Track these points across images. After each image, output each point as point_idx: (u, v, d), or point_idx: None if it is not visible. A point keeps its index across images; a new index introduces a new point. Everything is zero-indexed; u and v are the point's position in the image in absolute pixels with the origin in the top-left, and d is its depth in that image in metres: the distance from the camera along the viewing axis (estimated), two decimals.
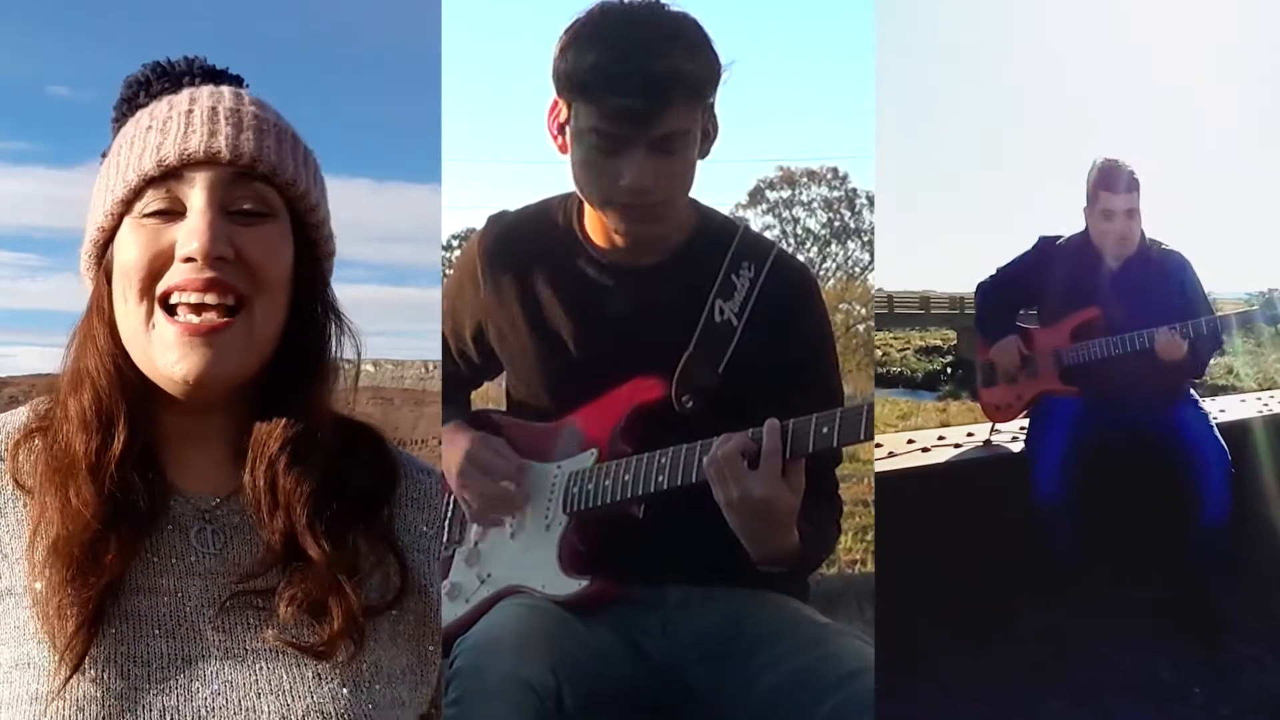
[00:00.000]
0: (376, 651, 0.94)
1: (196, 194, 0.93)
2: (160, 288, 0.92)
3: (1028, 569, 2.81)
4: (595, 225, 1.53)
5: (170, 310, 0.92)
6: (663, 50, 1.37)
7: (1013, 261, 3.17)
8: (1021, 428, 3.18)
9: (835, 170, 21.33)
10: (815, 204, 21.50)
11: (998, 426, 3.30)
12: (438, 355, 1.74)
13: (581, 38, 1.39)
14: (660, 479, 1.43)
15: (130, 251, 0.93)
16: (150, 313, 0.93)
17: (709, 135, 1.46)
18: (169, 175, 0.94)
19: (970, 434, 3.41)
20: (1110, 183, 2.94)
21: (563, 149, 1.46)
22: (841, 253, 21.13)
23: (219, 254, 0.92)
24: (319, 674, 0.91)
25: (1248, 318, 3.01)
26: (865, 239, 21.03)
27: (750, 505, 1.33)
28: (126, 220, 0.95)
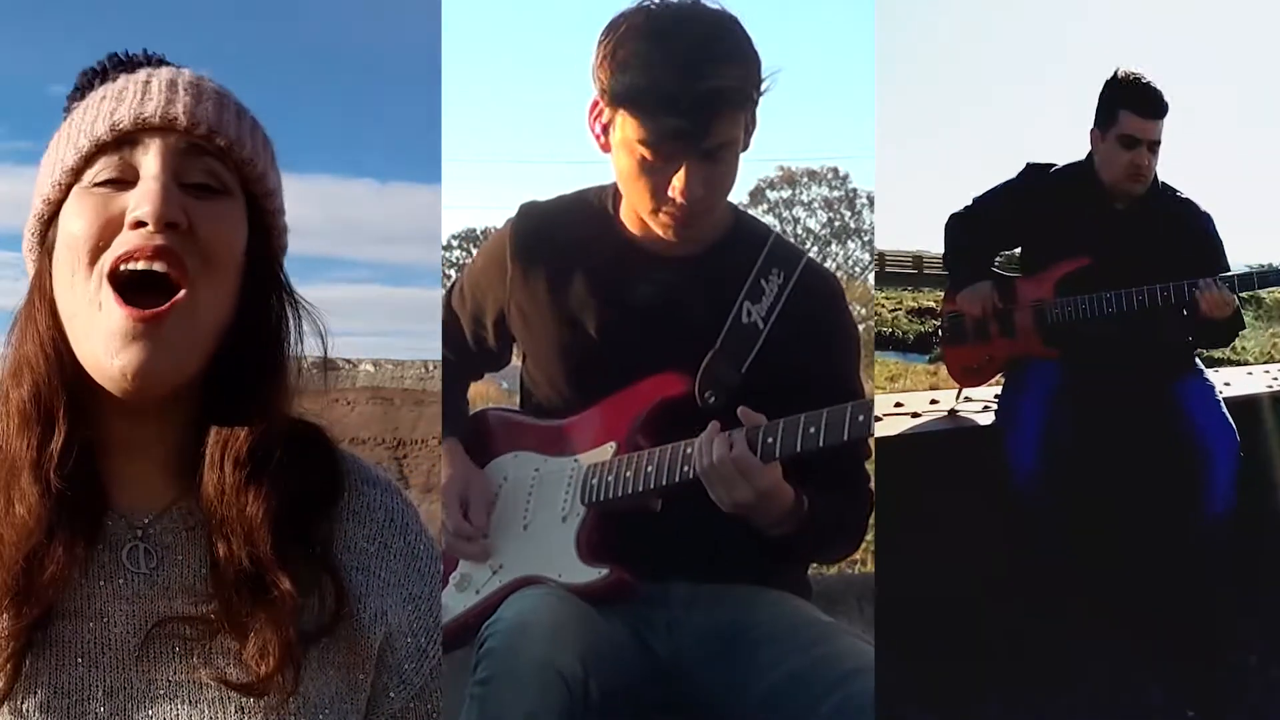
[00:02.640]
0: (304, 682, 0.89)
1: (150, 160, 0.88)
2: (108, 258, 0.86)
3: (998, 564, 2.48)
4: (632, 215, 1.55)
5: (120, 292, 0.86)
6: (710, 65, 1.39)
7: (991, 190, 2.64)
8: (996, 396, 2.73)
9: (835, 170, 21.38)
10: (815, 204, 21.55)
11: (966, 393, 2.86)
12: (438, 355, 1.75)
13: (626, 50, 1.40)
14: (685, 469, 1.43)
15: (77, 221, 0.88)
16: (98, 289, 0.86)
17: (749, 130, 1.48)
18: (122, 143, 0.89)
19: (934, 400, 2.95)
20: (1140, 103, 2.41)
21: (605, 148, 1.49)
22: (841, 253, 21.16)
23: (172, 219, 0.86)
24: (242, 708, 0.87)
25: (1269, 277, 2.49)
26: (865, 239, 21.08)
27: (762, 498, 1.38)
28: (74, 190, 0.90)
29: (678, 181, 1.42)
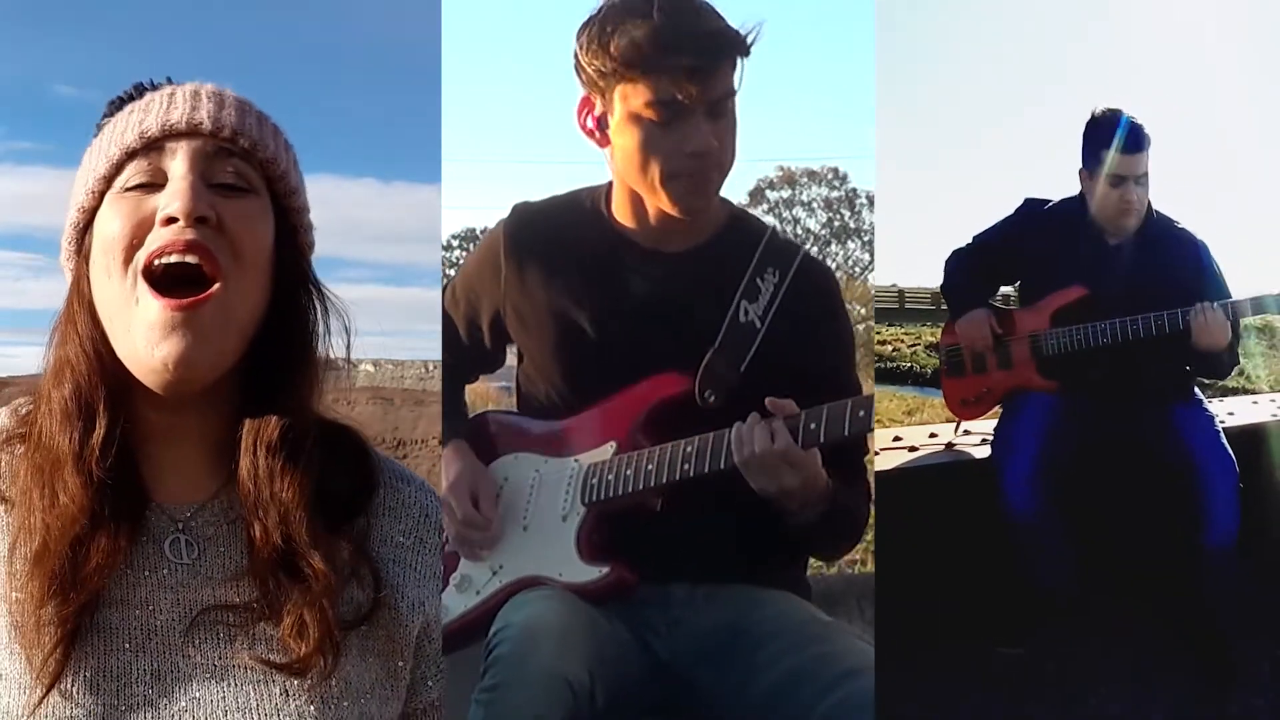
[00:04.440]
0: (346, 668, 0.93)
1: (177, 163, 0.93)
2: (142, 255, 0.90)
3: (994, 597, 2.47)
4: (626, 210, 1.54)
5: (155, 287, 0.90)
6: (703, 14, 1.41)
7: (992, 227, 2.69)
8: (994, 429, 2.71)
9: (835, 170, 21.41)
10: (815, 204, 21.57)
11: (966, 426, 2.89)
12: (438, 355, 1.74)
13: (614, 22, 1.41)
14: (686, 467, 1.44)
15: (112, 223, 0.92)
16: (134, 286, 0.90)
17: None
18: (151, 149, 0.94)
19: (933, 435, 3.00)
20: (1121, 140, 2.43)
21: (602, 143, 1.49)
22: (841, 253, 21.17)
23: (201, 214, 0.90)
24: (286, 691, 0.89)
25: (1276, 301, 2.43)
26: (865, 239, 21.11)
27: (805, 487, 1.39)
28: (107, 196, 0.94)
29: (691, 136, 1.41)
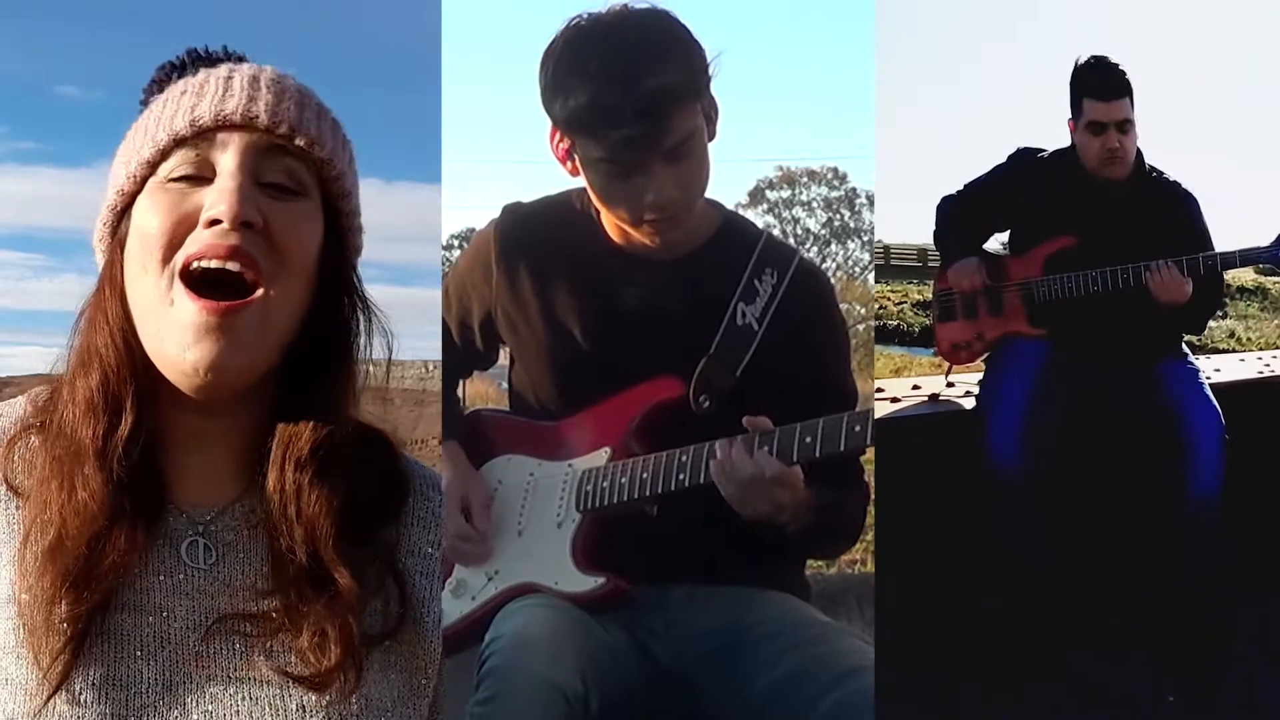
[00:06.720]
0: (367, 684, 0.88)
1: (228, 157, 0.88)
2: (181, 256, 0.86)
3: (982, 551, 2.47)
4: (611, 225, 1.53)
5: (192, 287, 0.85)
6: (646, 68, 1.36)
7: (983, 175, 2.68)
8: (980, 382, 2.73)
9: (835, 170, 21.38)
10: (815, 204, 21.53)
11: (952, 379, 2.93)
12: (438, 355, 1.74)
13: (562, 73, 1.39)
14: (681, 477, 1.43)
15: (152, 217, 0.87)
16: (170, 286, 0.86)
17: (711, 119, 1.46)
18: (200, 138, 0.88)
19: (916, 386, 2.97)
20: (1096, 87, 2.46)
21: (573, 173, 1.47)
22: (841, 253, 21.16)
23: (247, 218, 0.85)
24: (303, 707, 0.85)
25: (1261, 254, 2.46)
26: (865, 239, 21.07)
27: (794, 502, 1.38)
28: (149, 184, 0.89)
29: (650, 188, 1.40)
